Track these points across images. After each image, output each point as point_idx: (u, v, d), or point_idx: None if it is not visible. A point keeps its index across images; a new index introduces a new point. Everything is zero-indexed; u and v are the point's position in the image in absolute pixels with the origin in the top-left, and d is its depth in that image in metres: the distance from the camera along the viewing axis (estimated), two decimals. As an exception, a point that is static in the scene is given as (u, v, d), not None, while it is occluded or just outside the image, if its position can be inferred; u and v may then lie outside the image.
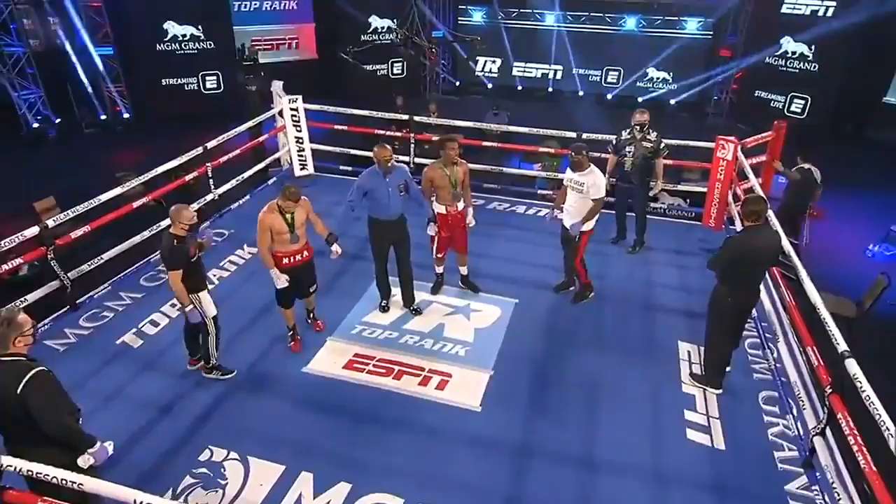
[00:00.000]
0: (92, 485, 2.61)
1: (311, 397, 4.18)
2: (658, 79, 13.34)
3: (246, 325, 4.90)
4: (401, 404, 4.14)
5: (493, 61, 14.22)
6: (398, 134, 7.63)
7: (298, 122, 7.26)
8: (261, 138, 7.31)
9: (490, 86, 14.24)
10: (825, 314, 3.70)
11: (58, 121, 10.47)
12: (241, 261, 5.88)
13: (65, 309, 5.03)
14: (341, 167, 7.89)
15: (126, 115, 11.17)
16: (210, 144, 6.42)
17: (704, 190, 6.70)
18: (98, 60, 10.82)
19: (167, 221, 3.98)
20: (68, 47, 10.67)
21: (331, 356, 4.58)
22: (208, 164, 6.27)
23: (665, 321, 5.10)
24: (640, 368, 4.51)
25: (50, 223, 4.84)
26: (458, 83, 14.49)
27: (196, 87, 11.61)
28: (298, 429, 3.91)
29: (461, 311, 5.18)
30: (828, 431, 3.67)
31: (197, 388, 4.23)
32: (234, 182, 6.86)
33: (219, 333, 4.21)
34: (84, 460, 2.79)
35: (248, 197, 7.07)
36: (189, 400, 4.13)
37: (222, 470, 3.59)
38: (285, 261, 4.40)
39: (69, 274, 5.03)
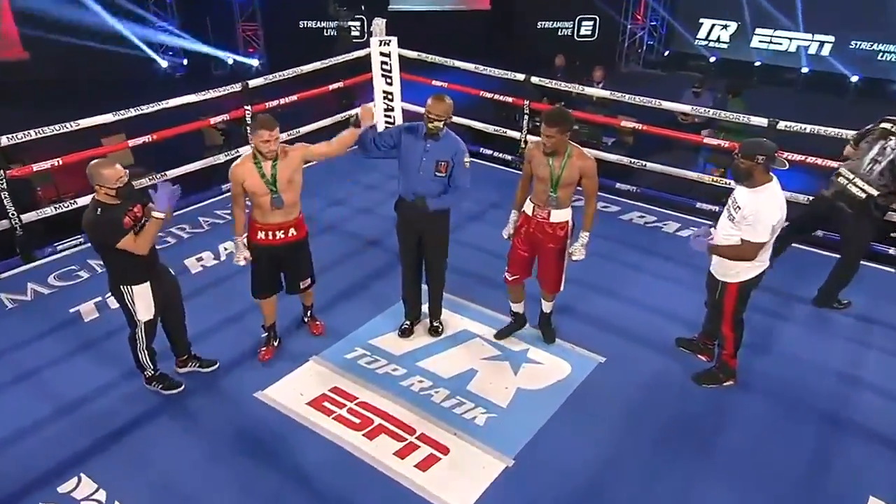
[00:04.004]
0: None
1: (247, 436, 3.68)
2: None
3: (226, 320, 4.55)
4: (355, 476, 3.42)
5: (725, 26, 12.47)
6: (507, 99, 6.78)
7: (389, 71, 6.83)
8: (334, 86, 6.95)
9: (713, 59, 12.54)
10: None
11: (185, 61, 11.57)
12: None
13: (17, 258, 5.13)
14: None
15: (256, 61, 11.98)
16: (254, 82, 6.20)
17: None
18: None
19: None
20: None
21: (301, 383, 4.05)
22: (248, 108, 6.01)
23: (856, 454, 3.60)
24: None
25: (3, 140, 4.83)
26: (666, 53, 13.11)
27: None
28: (206, 479, 3.42)
29: (510, 358, 4.27)
30: None
31: (122, 395, 3.95)
32: (281, 136, 6.46)
33: (149, 341, 3.83)
34: None
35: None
36: (101, 407, 3.86)
37: (76, 510, 3.24)
38: (260, 235, 3.89)
39: (24, 216, 5.06)
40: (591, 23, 12.78)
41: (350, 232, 5.73)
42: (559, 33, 12.78)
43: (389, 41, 6.75)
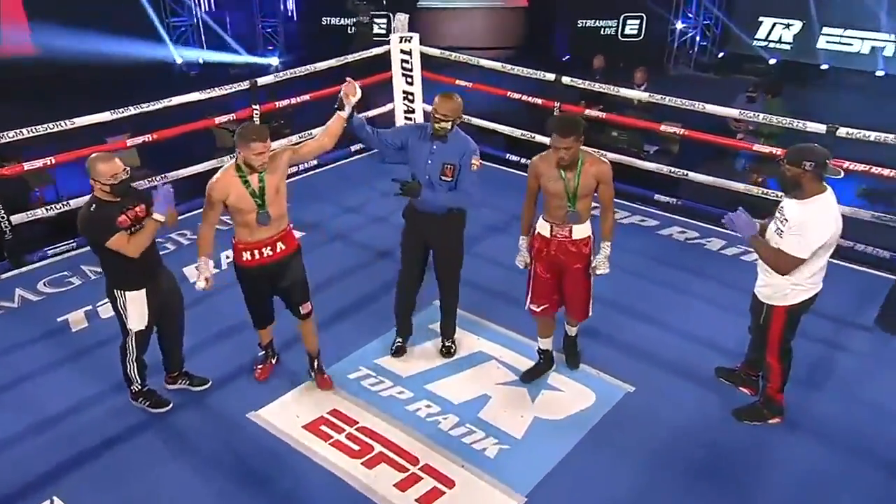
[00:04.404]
0: None
1: (236, 460, 3.69)
2: None
3: (222, 333, 4.59)
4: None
5: (787, 24, 12.24)
6: (536, 101, 6.75)
7: (410, 70, 6.88)
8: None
9: (773, 61, 12.32)
10: None
11: (201, 60, 11.95)
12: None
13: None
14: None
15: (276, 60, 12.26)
16: (262, 80, 6.30)
17: None
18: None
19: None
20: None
21: (297, 404, 4.07)
22: (256, 107, 6.10)
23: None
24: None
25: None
26: (720, 54, 12.96)
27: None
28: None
29: (529, 384, 4.22)
30: None
31: (105, 411, 4.00)
32: (292, 138, 6.63)
33: (140, 353, 3.87)
34: None
35: (316, 164, 6.81)
36: (82, 423, 3.91)
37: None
38: (246, 256, 3.78)
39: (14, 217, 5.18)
40: (637, 22, 12.64)
41: (361, 242, 5.75)
42: (602, 32, 12.68)
43: (411, 38, 6.82)
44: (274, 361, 4.29)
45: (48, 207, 5.45)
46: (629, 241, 5.60)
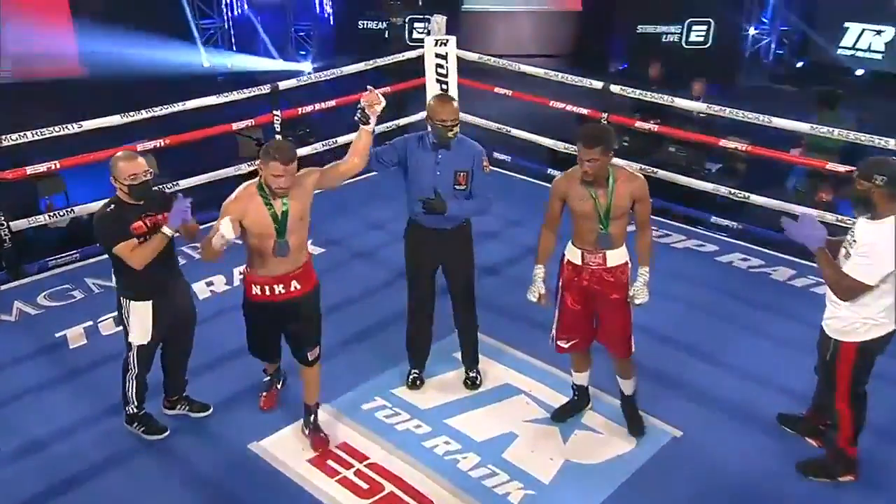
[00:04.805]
0: None
1: (232, 495, 3.70)
2: None
3: (229, 355, 4.61)
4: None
5: (878, 31, 12.08)
6: (581, 111, 6.70)
7: (445, 76, 6.95)
8: (379, 91, 7.06)
9: (861, 72, 12.17)
10: None
11: (229, 65, 12.34)
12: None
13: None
14: (507, 158, 7.50)
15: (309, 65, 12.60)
16: (284, 84, 6.42)
17: None
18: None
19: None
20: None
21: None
22: (276, 113, 6.21)
23: None
24: None
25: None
26: (800, 64, 12.85)
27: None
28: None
29: (561, 423, 4.17)
30: None
31: (96, 434, 4.04)
32: (317, 147, 6.75)
33: (142, 371, 3.90)
34: None
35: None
36: (70, 447, 3.94)
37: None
38: (256, 291, 3.68)
39: (13, 224, 5.33)
40: (704, 28, 12.57)
41: (385, 260, 5.76)
42: (663, 39, 12.67)
43: (447, 41, 6.93)
44: (280, 386, 4.28)
45: (51, 214, 5.64)
46: (684, 268, 5.55)
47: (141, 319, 3.73)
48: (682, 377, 4.51)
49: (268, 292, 3.66)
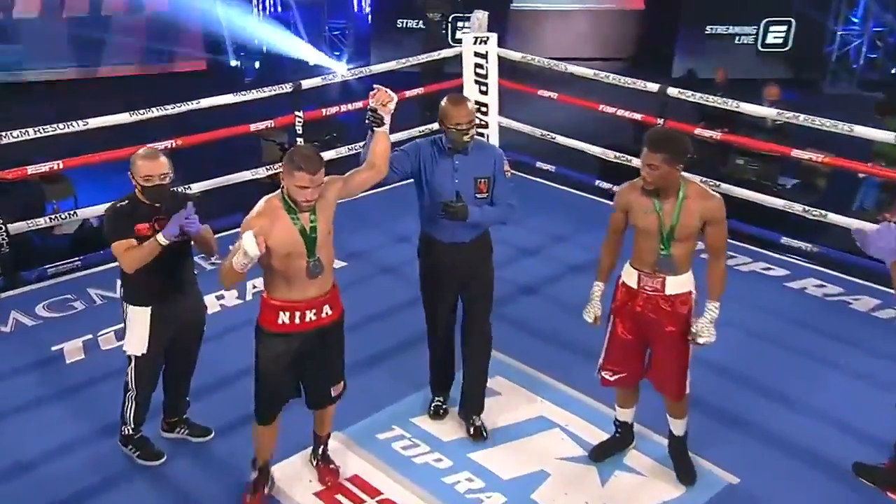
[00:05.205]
0: None
1: None
2: None
3: (235, 375, 4.64)
4: None
5: None
6: (635, 116, 6.65)
7: (485, 76, 6.98)
8: (411, 92, 7.07)
9: None
10: None
11: (257, 63, 12.73)
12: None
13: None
14: (551, 168, 7.58)
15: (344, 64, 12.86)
16: (307, 83, 6.53)
17: None
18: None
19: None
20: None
21: (312, 466, 4.07)
22: (299, 114, 6.30)
23: None
24: None
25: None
26: (895, 70, 12.74)
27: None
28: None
29: (600, 462, 4.13)
30: None
31: (90, 457, 4.08)
32: (342, 151, 6.82)
33: (142, 387, 3.91)
34: None
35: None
36: (60, 468, 3.99)
37: None
38: (283, 319, 3.48)
39: (10, 226, 5.44)
40: (784, 28, 12.61)
41: (410, 275, 5.63)
42: (737, 41, 12.74)
43: (487, 38, 7.00)
44: (267, 491, 3.87)
45: (52, 217, 5.78)
46: (749, 294, 5.46)
47: (138, 326, 3.77)
48: (742, 416, 4.46)
49: (297, 320, 3.50)
